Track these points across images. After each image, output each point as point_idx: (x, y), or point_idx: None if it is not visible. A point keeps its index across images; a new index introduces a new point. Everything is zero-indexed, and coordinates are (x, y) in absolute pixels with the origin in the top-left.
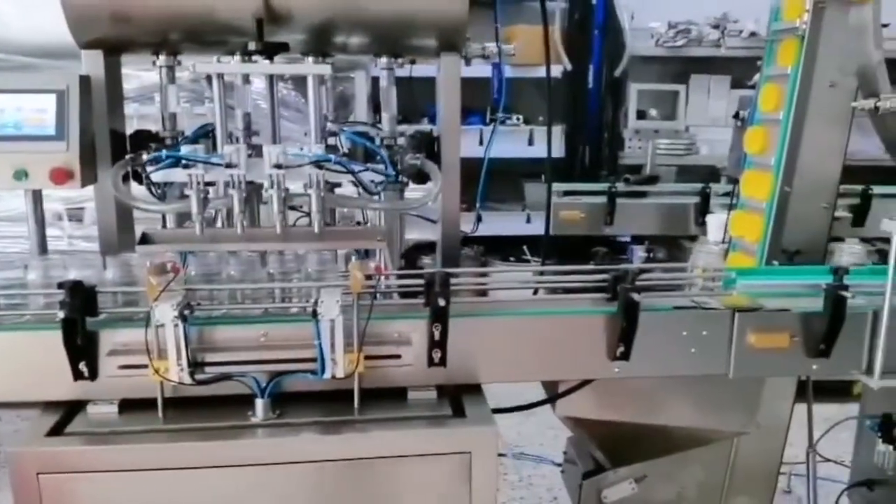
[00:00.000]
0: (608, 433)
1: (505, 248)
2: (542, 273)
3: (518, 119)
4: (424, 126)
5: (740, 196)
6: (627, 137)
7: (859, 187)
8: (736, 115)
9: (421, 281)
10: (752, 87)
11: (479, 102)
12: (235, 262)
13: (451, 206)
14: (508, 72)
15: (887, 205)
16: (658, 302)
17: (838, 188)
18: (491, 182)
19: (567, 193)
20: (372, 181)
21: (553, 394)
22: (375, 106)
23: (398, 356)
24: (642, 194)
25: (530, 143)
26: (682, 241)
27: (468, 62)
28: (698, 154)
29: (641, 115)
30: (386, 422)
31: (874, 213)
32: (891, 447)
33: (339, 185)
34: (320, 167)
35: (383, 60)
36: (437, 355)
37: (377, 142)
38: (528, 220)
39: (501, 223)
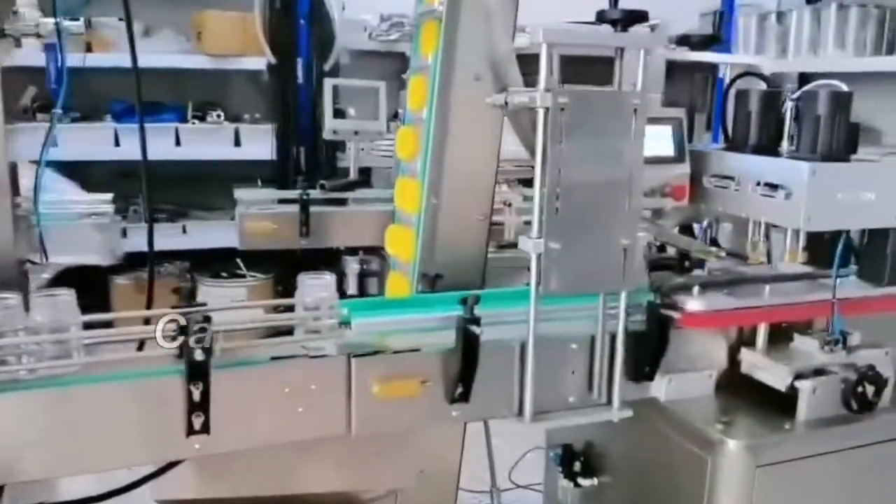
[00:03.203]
0: None
1: (215, 263)
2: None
3: (220, 115)
4: (107, 124)
5: (395, 208)
6: (326, 138)
7: None
8: (395, 115)
9: None
10: None
11: (176, 96)
12: None
13: None
14: (206, 62)
15: None
16: (252, 353)
17: (493, 197)
18: (197, 187)
19: (284, 202)
20: None
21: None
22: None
23: None
24: (343, 202)
25: (237, 143)
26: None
27: (17, 43)
28: None
29: (341, 113)
30: None
31: None
32: (572, 484)
33: None
34: None
35: None
36: None
37: None
38: None
39: (209, 234)
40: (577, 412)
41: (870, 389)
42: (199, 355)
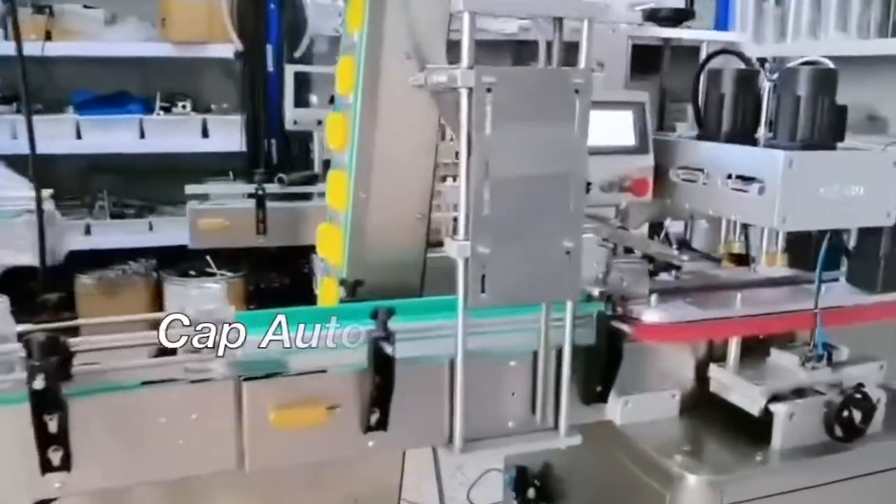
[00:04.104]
0: None
1: (184, 261)
2: None
3: (185, 106)
4: (68, 116)
5: (327, 205)
6: (287, 128)
7: None
8: (331, 100)
9: None
10: None
11: (144, 86)
12: None
13: None
14: (171, 50)
15: None
16: (121, 376)
17: (433, 192)
18: (165, 181)
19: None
20: None
21: None
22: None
23: None
24: (306, 196)
25: (205, 134)
26: None
27: None
28: None
29: (305, 102)
30: None
31: None
32: None
33: None
34: None
35: None
36: None
37: None
38: None
39: (174, 231)
40: (517, 438)
41: (857, 414)
42: (39, 383)
